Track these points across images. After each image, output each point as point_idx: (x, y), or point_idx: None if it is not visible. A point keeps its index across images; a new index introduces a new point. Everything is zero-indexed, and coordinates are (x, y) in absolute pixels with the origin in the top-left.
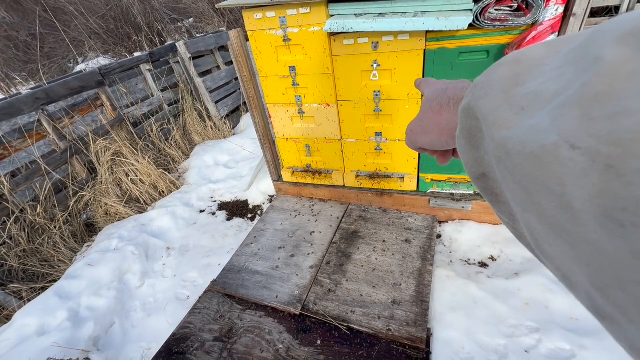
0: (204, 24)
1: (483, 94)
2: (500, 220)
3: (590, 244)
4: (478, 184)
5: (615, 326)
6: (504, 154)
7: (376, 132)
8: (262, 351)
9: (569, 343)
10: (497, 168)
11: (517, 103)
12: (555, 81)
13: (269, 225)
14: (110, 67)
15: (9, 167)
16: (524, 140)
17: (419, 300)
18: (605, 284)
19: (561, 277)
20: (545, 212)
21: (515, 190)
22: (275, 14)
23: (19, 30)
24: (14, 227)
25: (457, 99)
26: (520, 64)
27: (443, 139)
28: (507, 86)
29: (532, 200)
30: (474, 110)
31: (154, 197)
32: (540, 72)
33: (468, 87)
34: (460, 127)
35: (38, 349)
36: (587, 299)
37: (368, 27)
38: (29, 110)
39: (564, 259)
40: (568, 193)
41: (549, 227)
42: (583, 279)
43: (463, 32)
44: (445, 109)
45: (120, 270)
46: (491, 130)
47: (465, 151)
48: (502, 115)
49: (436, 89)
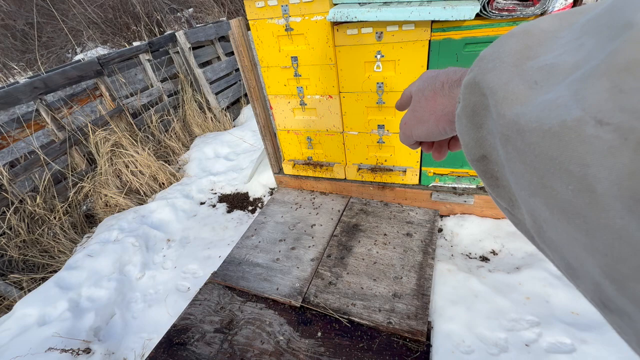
0: (203, 14)
1: (491, 66)
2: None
3: (611, 231)
4: (477, 167)
5: (624, 319)
6: (515, 131)
7: (379, 124)
8: (262, 343)
9: (570, 337)
10: (503, 148)
11: (530, 77)
12: (573, 53)
13: (269, 217)
14: (109, 56)
15: (7, 157)
16: (540, 116)
17: (420, 293)
18: (624, 275)
19: (564, 266)
20: (557, 196)
21: (522, 173)
22: (277, 2)
23: (16, 19)
24: (14, 218)
25: (451, 81)
26: (530, 36)
27: (440, 125)
28: (517, 59)
29: (543, 183)
30: (479, 84)
31: (153, 189)
32: (554, 44)
33: (461, 70)
34: (462, 104)
35: (39, 338)
36: (594, 291)
37: (372, 17)
38: (27, 100)
39: (572, 247)
40: (590, 174)
41: (560, 212)
42: (594, 269)
43: (469, 22)
44: (439, 94)
45: (121, 262)
46: (501, 106)
47: (466, 131)
48: (514, 90)
49: (426, 78)
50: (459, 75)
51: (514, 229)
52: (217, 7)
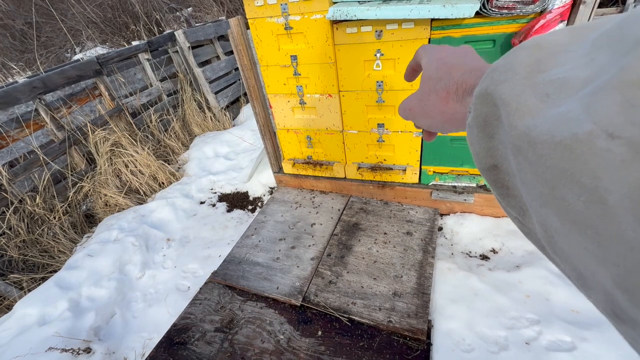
0: (202, 13)
1: (503, 78)
2: (505, 214)
3: (623, 243)
4: (488, 176)
5: (637, 330)
6: (526, 143)
7: (378, 123)
8: (263, 342)
9: (570, 335)
10: (515, 159)
11: (541, 90)
12: (584, 68)
13: (269, 217)
14: (108, 55)
15: (6, 157)
16: (551, 129)
17: (420, 292)
18: (637, 286)
19: (575, 276)
20: (569, 207)
21: (533, 184)
22: (276, 0)
23: (15, 19)
24: (13, 218)
25: (467, 86)
26: (541, 49)
27: (446, 126)
28: (529, 72)
29: (554, 194)
30: (492, 95)
31: (153, 188)
32: (565, 58)
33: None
34: (473, 114)
35: (39, 338)
36: (605, 301)
37: (372, 15)
38: (26, 100)
39: (584, 257)
40: (601, 187)
41: (572, 223)
42: (605, 280)
43: (469, 20)
44: (452, 98)
45: (121, 261)
46: (513, 118)
47: (477, 141)
48: (526, 102)
49: (442, 65)
50: (474, 79)
51: (514, 227)
52: (216, 6)
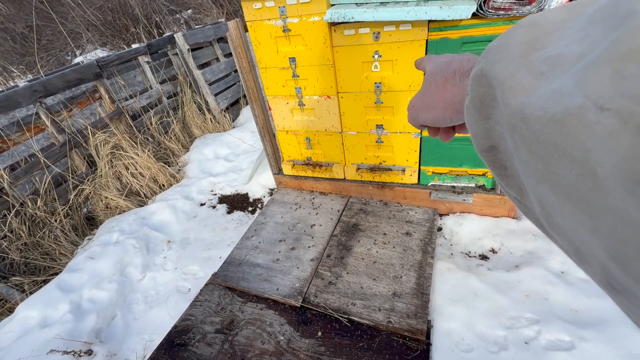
0: (202, 15)
1: (499, 58)
2: (504, 214)
3: (613, 213)
4: (486, 157)
5: (631, 300)
6: (520, 120)
7: (377, 124)
8: (263, 343)
9: (569, 334)
10: (510, 138)
11: (536, 68)
12: (579, 43)
13: (269, 218)
14: (108, 58)
15: (8, 160)
16: (544, 105)
17: (420, 292)
18: (627, 255)
19: (572, 251)
20: (562, 181)
21: (528, 161)
22: (274, 3)
23: (16, 22)
24: (15, 221)
25: (463, 70)
26: (538, 27)
27: (447, 114)
28: (524, 50)
29: (548, 169)
30: (487, 76)
31: (154, 191)
32: (561, 35)
33: (475, 58)
34: (470, 95)
35: (41, 340)
36: (601, 273)
37: (369, 17)
38: (26, 103)
39: (578, 231)
40: (592, 159)
41: (565, 197)
42: (599, 252)
43: (466, 21)
44: (450, 82)
45: (122, 263)
46: (507, 96)
47: (475, 122)
48: (520, 80)
49: (440, 62)
50: (471, 64)
51: (514, 227)
52: (215, 8)
